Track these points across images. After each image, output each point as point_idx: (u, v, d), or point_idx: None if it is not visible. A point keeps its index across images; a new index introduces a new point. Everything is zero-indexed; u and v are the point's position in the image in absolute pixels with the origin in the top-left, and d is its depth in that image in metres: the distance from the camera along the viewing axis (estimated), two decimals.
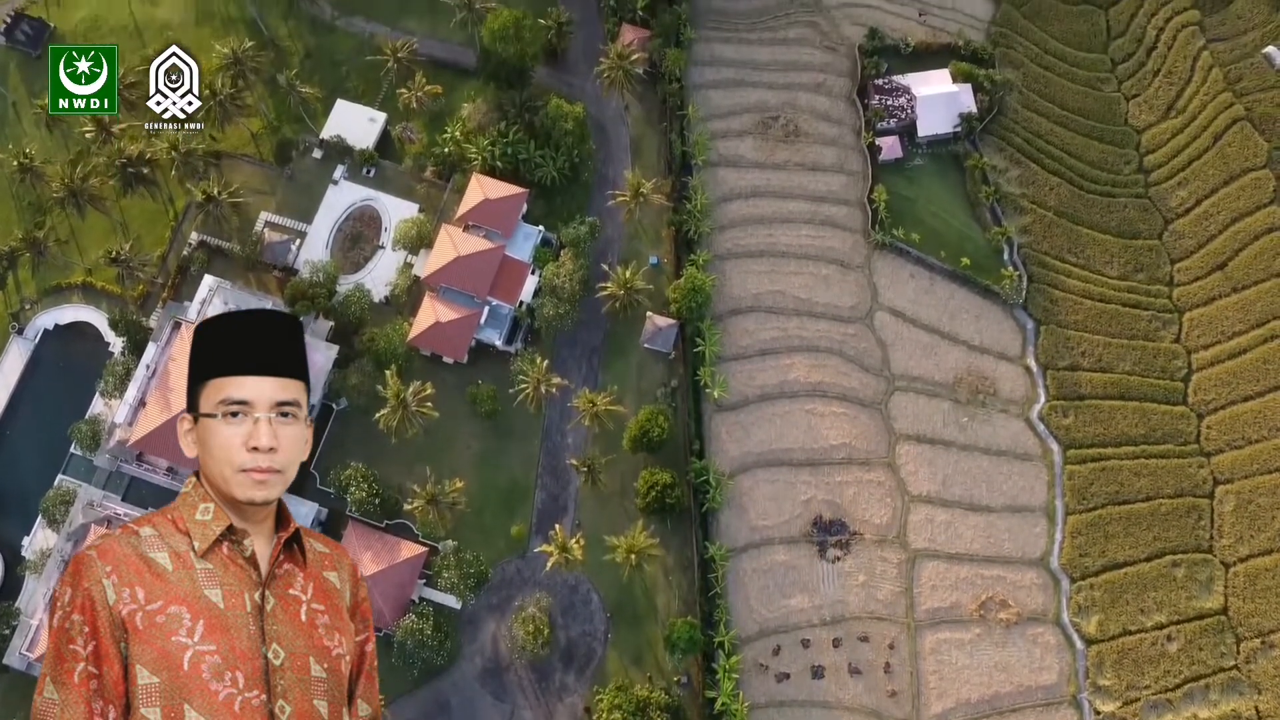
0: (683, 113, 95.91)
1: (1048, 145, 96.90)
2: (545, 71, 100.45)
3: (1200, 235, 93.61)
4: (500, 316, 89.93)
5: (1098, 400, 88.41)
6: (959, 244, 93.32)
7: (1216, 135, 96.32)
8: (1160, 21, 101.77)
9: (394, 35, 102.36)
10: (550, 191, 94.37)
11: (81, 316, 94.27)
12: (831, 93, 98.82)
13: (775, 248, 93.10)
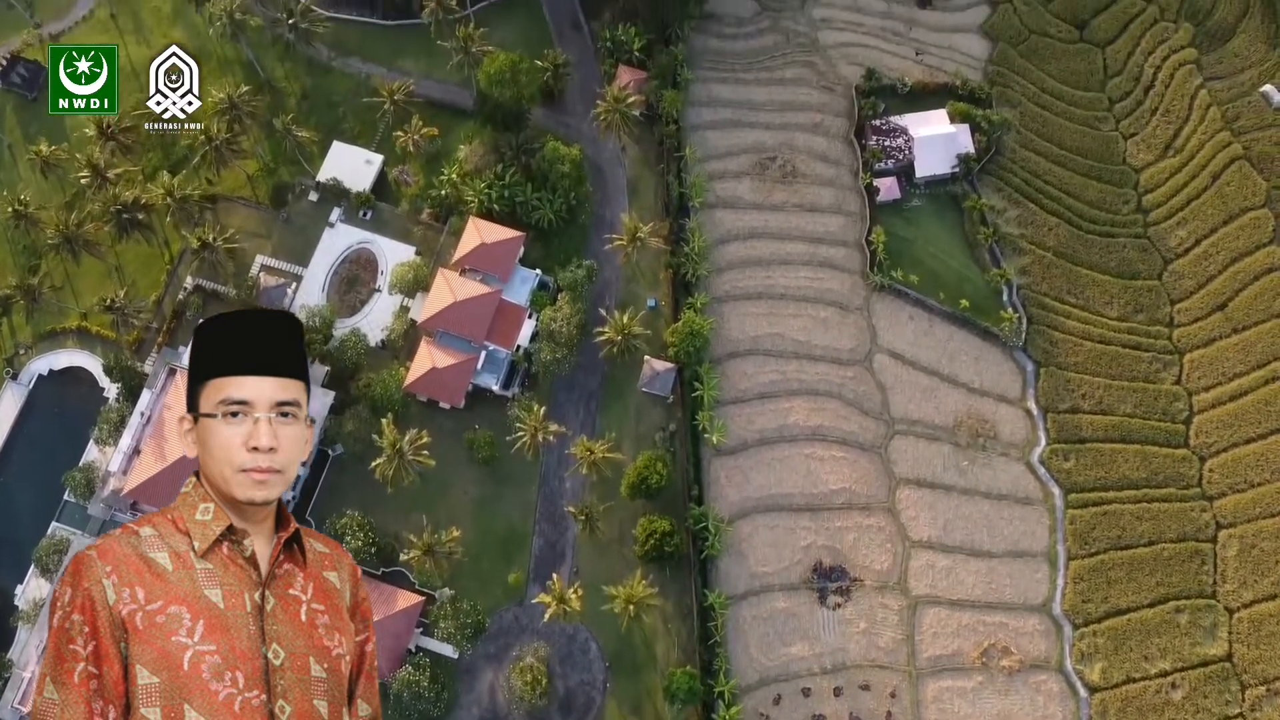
0: (680, 155, 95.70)
1: (1046, 185, 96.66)
2: (542, 112, 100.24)
3: (1200, 275, 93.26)
4: (497, 361, 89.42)
5: (1099, 443, 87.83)
6: (958, 285, 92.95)
7: (1215, 174, 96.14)
8: (1157, 60, 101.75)
9: (391, 76, 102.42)
10: (547, 233, 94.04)
11: (76, 361, 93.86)
12: (829, 133, 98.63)
13: (773, 290, 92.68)
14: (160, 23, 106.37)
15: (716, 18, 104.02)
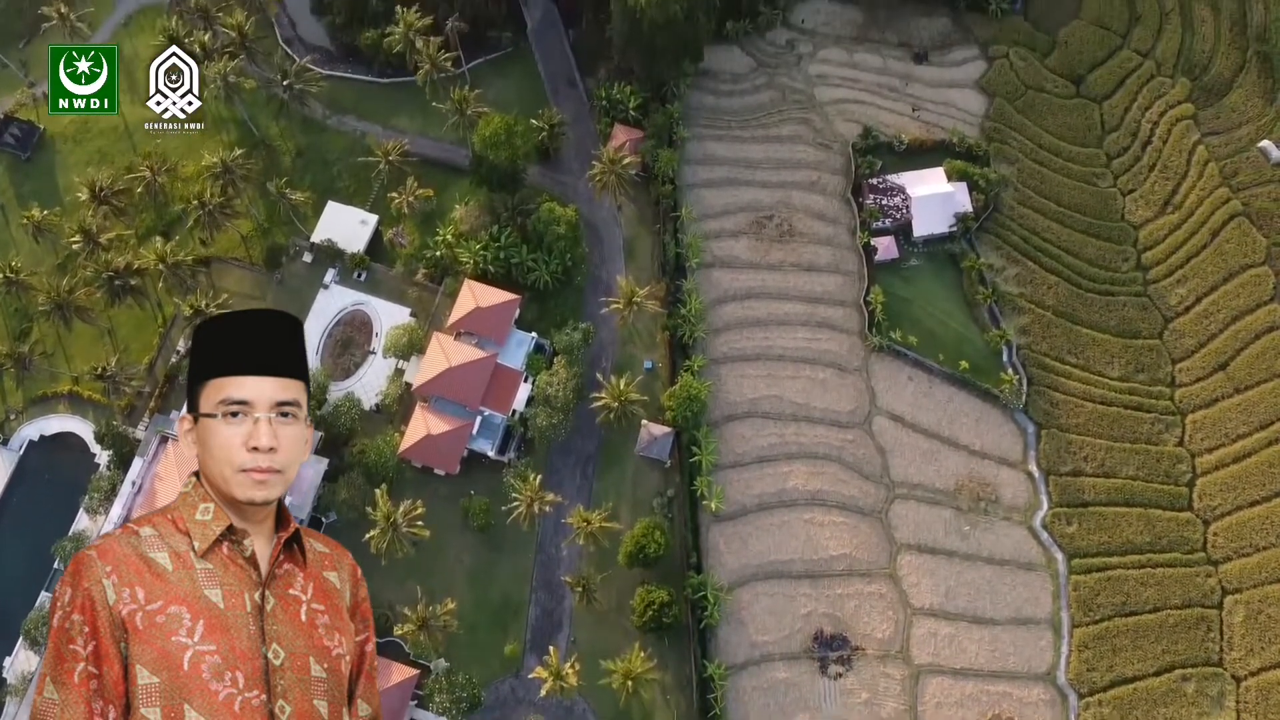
0: (676, 214, 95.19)
1: (1044, 243, 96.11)
2: (538, 170, 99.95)
3: (1201, 334, 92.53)
4: (493, 426, 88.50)
5: (1101, 507, 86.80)
6: (957, 345, 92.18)
7: (1214, 231, 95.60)
8: (1155, 115, 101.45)
9: (386, 134, 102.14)
10: (543, 295, 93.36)
11: (67, 427, 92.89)
12: (826, 191, 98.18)
13: (771, 351, 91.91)
14: None
15: (712, 74, 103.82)
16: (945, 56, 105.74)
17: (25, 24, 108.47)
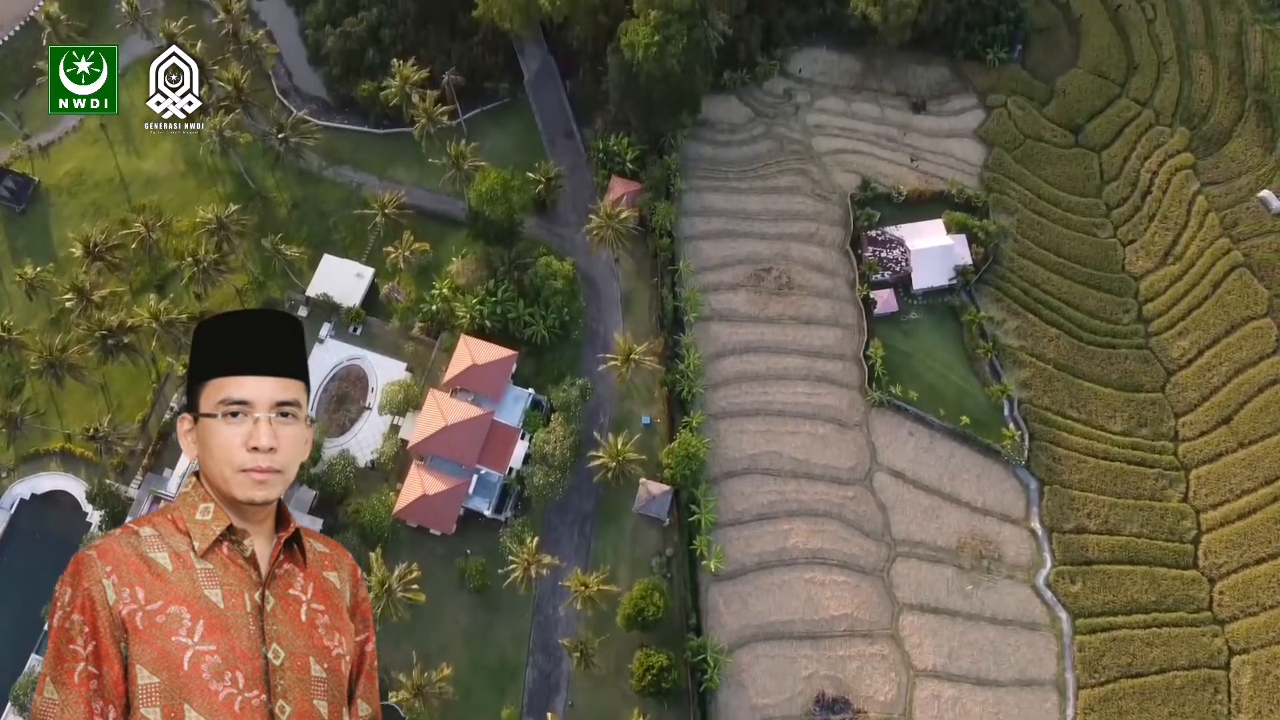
0: (674, 267, 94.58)
1: (1045, 295, 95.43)
2: (535, 222, 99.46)
3: (1203, 388, 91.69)
4: (489, 484, 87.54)
5: (1106, 565, 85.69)
6: (958, 400, 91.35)
7: (1215, 283, 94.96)
8: (1154, 165, 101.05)
9: (383, 185, 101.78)
10: (540, 349, 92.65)
11: (59, 485, 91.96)
12: (824, 243, 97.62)
13: (771, 406, 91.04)
14: (151, 133, 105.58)
15: (710, 124, 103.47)
16: (943, 106, 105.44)
17: (21, 76, 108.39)
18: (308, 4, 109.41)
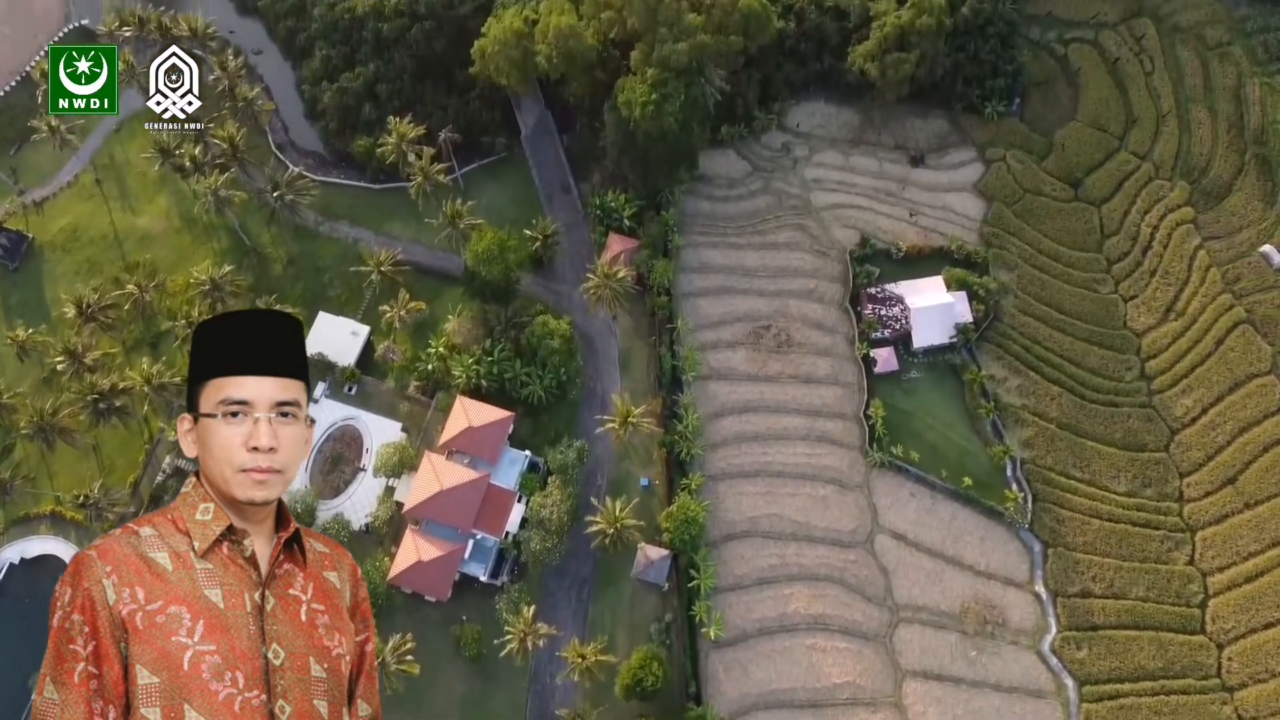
0: (672, 326, 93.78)
1: (1047, 352, 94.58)
2: (532, 279, 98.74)
3: (1208, 447, 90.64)
4: (485, 549, 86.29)
5: (1111, 630, 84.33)
6: (960, 460, 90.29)
7: (1218, 339, 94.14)
8: (1154, 219, 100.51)
9: (379, 241, 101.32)
10: (537, 410, 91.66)
11: (49, 549, 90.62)
12: (824, 299, 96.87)
13: (770, 467, 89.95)
14: (146, 189, 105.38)
15: (708, 179, 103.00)
16: (942, 159, 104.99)
17: (16, 131, 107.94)
18: (304, 59, 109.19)
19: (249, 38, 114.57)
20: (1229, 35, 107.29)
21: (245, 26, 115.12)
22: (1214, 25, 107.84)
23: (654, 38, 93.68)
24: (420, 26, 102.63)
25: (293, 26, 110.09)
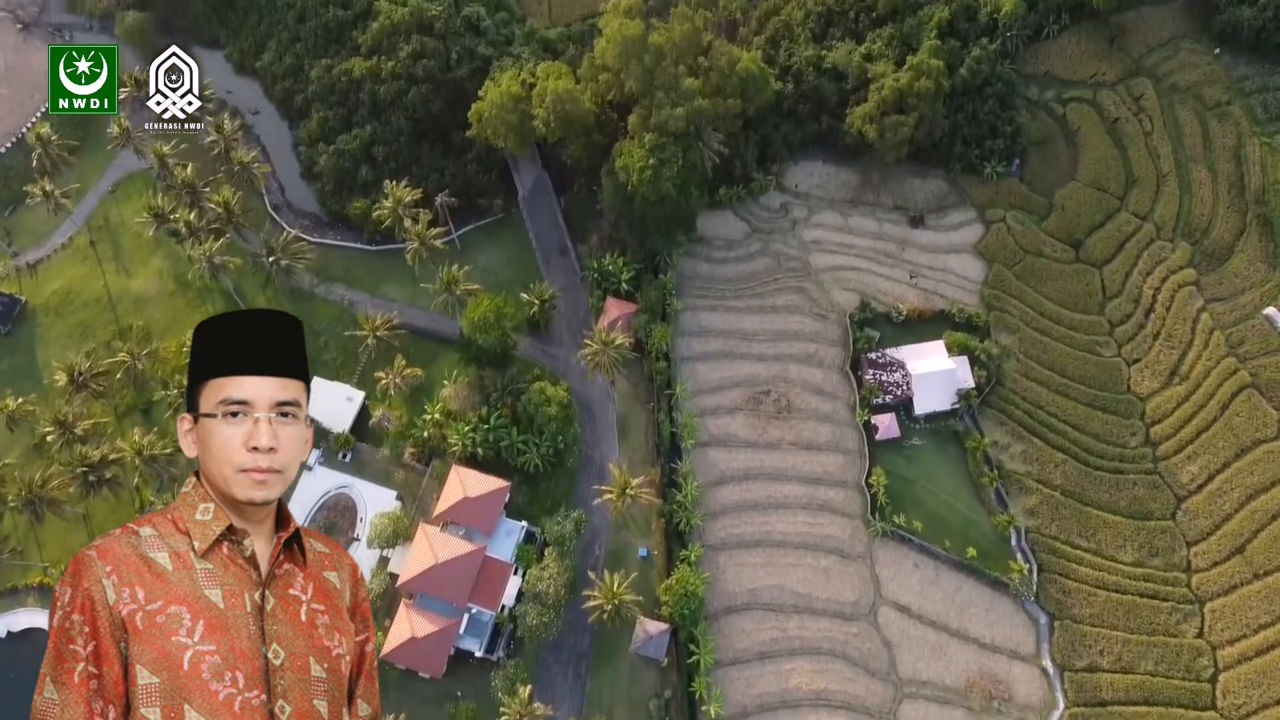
0: (670, 392, 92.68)
1: (1049, 417, 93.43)
2: (529, 342, 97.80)
3: (1215, 515, 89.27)
4: (481, 624, 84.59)
5: (1120, 706, 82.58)
6: (964, 529, 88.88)
7: (1224, 404, 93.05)
8: (1156, 281, 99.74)
9: (375, 304, 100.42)
10: (534, 478, 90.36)
11: (36, 622, 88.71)
12: (824, 364, 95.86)
13: (771, 536, 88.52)
14: (140, 250, 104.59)
15: (706, 241, 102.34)
16: (941, 220, 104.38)
17: (10, 193, 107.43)
18: (301, 120, 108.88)
19: (246, 97, 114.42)
20: (1228, 95, 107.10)
21: (243, 86, 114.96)
22: (1212, 85, 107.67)
23: (651, 102, 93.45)
24: (417, 89, 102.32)
25: (290, 87, 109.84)
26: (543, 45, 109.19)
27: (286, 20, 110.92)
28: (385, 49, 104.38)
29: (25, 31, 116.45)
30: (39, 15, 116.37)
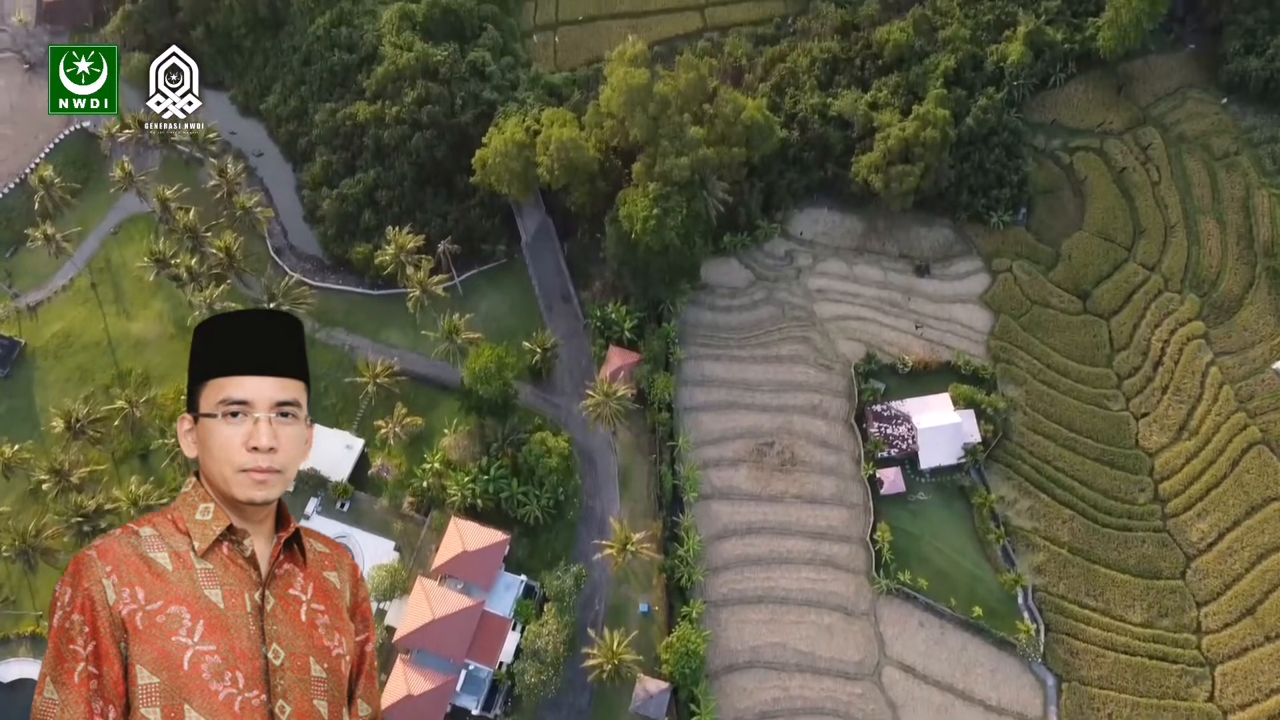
0: (673, 443, 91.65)
1: (1057, 472, 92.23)
2: (530, 390, 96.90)
3: (1225, 575, 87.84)
4: (478, 680, 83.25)
5: None
6: (970, 587, 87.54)
7: (1233, 461, 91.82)
8: (1164, 333, 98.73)
9: (375, 349, 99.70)
10: (534, 530, 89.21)
11: (28, 672, 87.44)
12: (828, 415, 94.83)
13: (774, 593, 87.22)
14: (141, 293, 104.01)
15: (710, 288, 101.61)
16: (947, 269, 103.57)
17: (13, 234, 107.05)
18: (305, 163, 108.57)
19: (251, 139, 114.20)
20: (1236, 145, 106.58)
21: (247, 128, 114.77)
22: (1220, 135, 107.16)
23: (656, 150, 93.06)
24: (421, 135, 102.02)
25: (294, 130, 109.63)
26: (548, 90, 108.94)
27: (292, 63, 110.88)
28: (390, 94, 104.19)
29: (31, 71, 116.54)
30: (45, 56, 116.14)
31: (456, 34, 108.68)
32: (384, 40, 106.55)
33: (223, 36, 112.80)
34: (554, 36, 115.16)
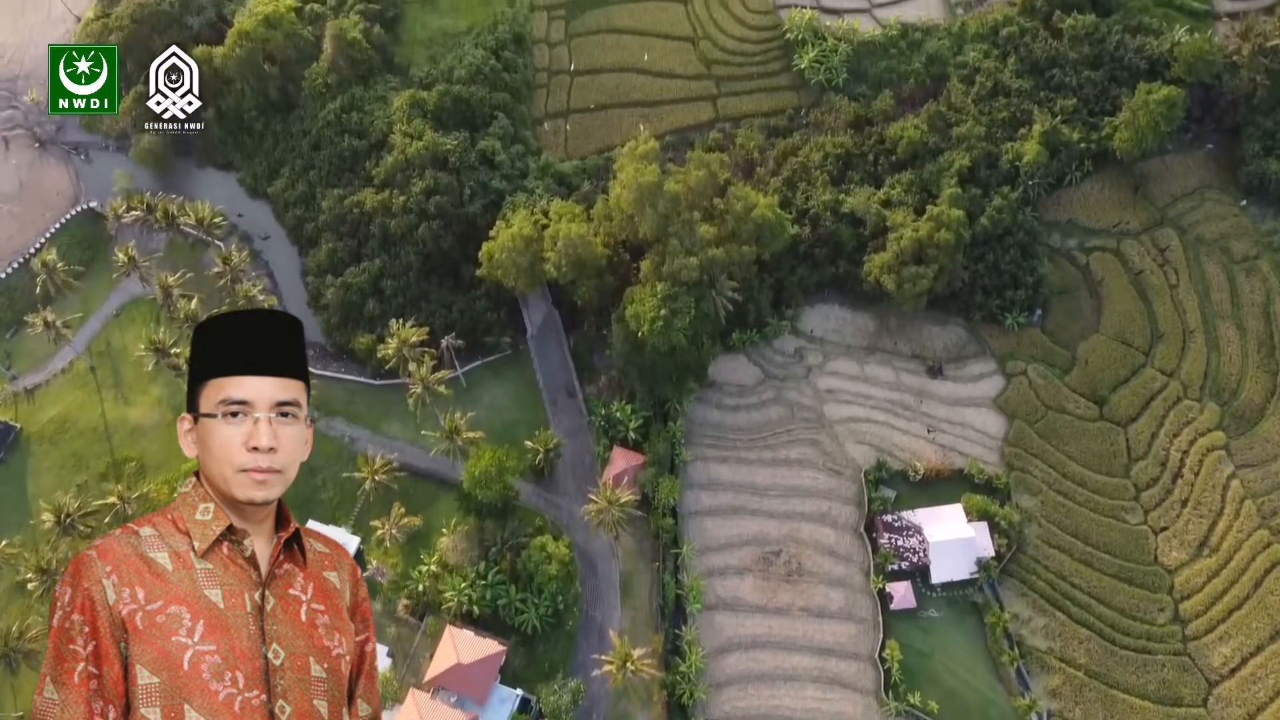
0: (676, 551, 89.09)
1: (1073, 589, 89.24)
2: (531, 489, 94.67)
3: (1249, 704, 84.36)
4: None
5: None
6: (983, 711, 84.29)
7: (1256, 580, 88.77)
8: (1184, 443, 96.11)
9: (375, 441, 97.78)
10: (531, 639, 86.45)
11: None
12: (837, 524, 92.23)
13: (778, 711, 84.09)
14: (140, 379, 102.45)
15: (717, 386, 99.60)
16: (961, 370, 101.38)
17: (14, 315, 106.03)
18: (310, 249, 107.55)
19: (258, 221, 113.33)
20: (1256, 249, 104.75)
21: (254, 209, 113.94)
22: (1240, 238, 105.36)
23: (665, 248, 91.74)
24: (429, 225, 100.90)
25: (301, 215, 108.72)
26: (557, 179, 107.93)
27: (301, 147, 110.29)
28: (399, 182, 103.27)
29: (41, 149, 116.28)
30: (55, 133, 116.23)
31: (467, 122, 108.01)
32: (394, 128, 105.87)
33: (233, 119, 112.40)
34: (565, 124, 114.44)
